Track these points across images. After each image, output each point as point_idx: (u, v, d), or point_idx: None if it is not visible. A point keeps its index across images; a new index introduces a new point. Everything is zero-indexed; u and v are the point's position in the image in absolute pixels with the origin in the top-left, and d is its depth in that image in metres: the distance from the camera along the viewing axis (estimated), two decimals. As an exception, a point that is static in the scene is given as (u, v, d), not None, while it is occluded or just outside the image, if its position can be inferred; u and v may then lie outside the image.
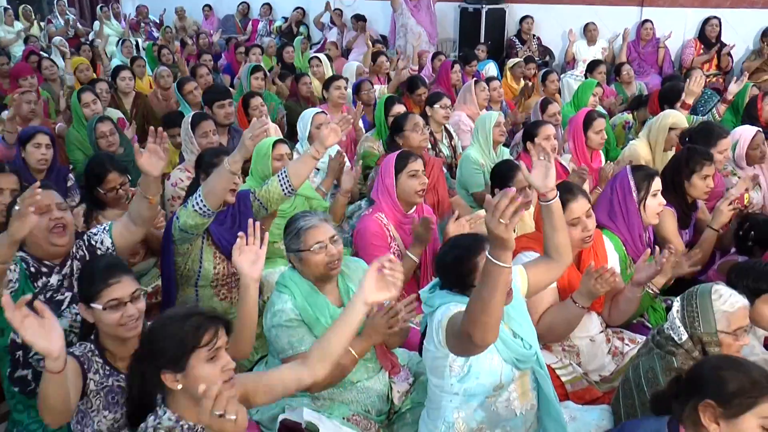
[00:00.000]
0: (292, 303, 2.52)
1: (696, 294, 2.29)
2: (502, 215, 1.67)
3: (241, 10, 11.35)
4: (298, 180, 3.19)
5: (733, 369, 1.73)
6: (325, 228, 2.57)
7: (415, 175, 3.32)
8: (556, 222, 2.43)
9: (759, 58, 7.84)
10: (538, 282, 2.52)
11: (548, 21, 9.22)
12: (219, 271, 3.15)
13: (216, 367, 1.83)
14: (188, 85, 5.83)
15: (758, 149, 4.34)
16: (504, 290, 1.84)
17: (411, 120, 4.28)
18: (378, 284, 1.99)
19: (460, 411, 2.31)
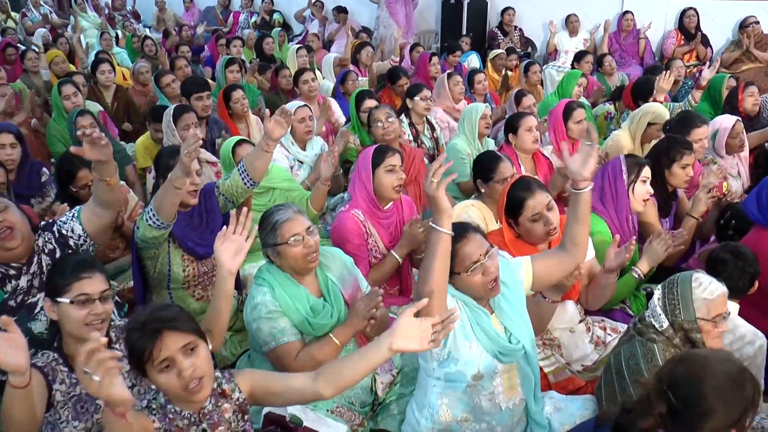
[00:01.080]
0: (271, 295, 2.50)
1: (677, 282, 2.31)
2: (433, 174, 1.93)
3: (222, 2, 11.26)
4: (257, 173, 3.13)
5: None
6: (300, 220, 2.55)
7: (392, 170, 3.28)
8: (581, 214, 2.33)
9: (737, 49, 7.92)
10: (546, 275, 2.45)
11: (530, 12, 9.24)
12: (189, 273, 3.10)
13: (170, 376, 1.79)
14: (166, 78, 5.79)
15: (737, 138, 4.41)
16: (445, 258, 1.92)
17: (372, 114, 4.30)
18: (410, 331, 1.86)
19: (444, 397, 2.32)
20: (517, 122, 4.24)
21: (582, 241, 2.40)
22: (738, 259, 2.77)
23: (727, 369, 1.68)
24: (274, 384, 2.03)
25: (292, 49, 7.76)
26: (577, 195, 2.30)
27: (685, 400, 1.65)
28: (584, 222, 2.36)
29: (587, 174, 2.26)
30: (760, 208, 3.06)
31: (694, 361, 1.70)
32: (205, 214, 3.17)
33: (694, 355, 1.75)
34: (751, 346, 2.69)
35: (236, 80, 6.21)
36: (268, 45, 8.28)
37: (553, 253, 2.51)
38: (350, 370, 1.93)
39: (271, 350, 2.48)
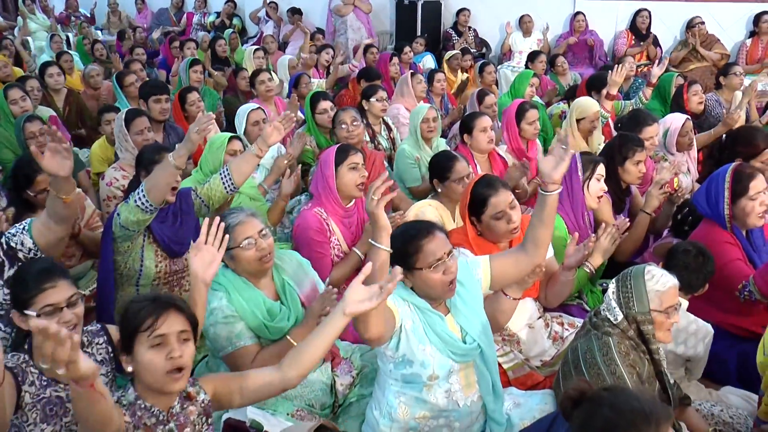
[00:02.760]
0: (227, 300, 2.48)
1: (630, 275, 2.35)
2: (374, 192, 2.00)
3: (176, 3, 11.11)
4: (241, 178, 3.15)
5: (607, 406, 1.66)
6: (253, 223, 2.53)
7: (355, 168, 3.30)
8: (546, 216, 2.36)
9: (685, 48, 8.13)
10: (503, 275, 2.46)
11: (484, 13, 9.32)
12: (161, 270, 3.09)
13: (159, 354, 1.81)
14: (128, 78, 5.70)
15: (687, 136, 4.52)
16: (383, 274, 1.98)
17: (337, 117, 4.34)
18: (362, 294, 1.92)
19: (401, 396, 2.33)
20: (471, 122, 4.26)
21: (544, 243, 2.43)
22: (699, 256, 2.84)
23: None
24: (237, 383, 2.04)
25: (249, 50, 7.72)
26: (544, 197, 2.33)
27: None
28: (548, 224, 2.39)
29: (557, 177, 2.28)
30: (708, 202, 3.13)
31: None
32: (180, 214, 3.16)
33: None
34: (702, 344, 2.76)
35: (199, 80, 6.18)
36: (221, 47, 8.21)
37: (512, 252, 2.53)
38: (311, 347, 1.99)
39: (227, 354, 2.45)
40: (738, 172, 3.08)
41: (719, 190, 3.08)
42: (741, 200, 3.03)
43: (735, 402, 2.74)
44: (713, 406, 2.67)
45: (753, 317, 2.95)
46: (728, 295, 2.95)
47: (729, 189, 3.05)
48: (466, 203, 2.92)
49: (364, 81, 6.13)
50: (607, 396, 1.66)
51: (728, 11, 8.30)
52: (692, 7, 8.36)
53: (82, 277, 3.59)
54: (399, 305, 2.23)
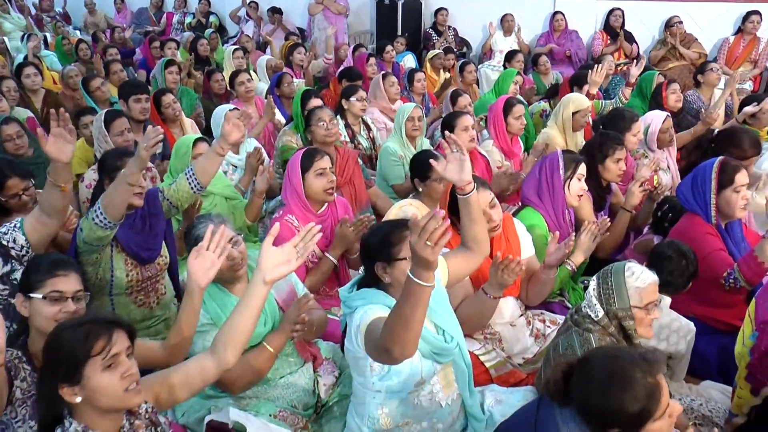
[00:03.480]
0: (203, 307, 2.43)
1: (611, 272, 2.37)
2: (429, 237, 1.65)
3: (155, 3, 11.03)
4: (206, 177, 3.10)
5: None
6: (222, 232, 2.51)
7: (322, 173, 3.25)
8: (474, 214, 2.44)
9: (663, 47, 8.21)
10: (457, 272, 2.52)
11: (463, 12, 9.35)
12: (132, 278, 3.02)
13: (114, 375, 1.74)
14: (94, 82, 5.62)
15: (667, 133, 4.57)
16: (425, 308, 1.81)
17: (315, 115, 4.26)
18: (277, 257, 1.93)
19: (384, 407, 2.32)
20: (453, 121, 4.27)
21: (483, 237, 2.51)
22: (681, 258, 2.86)
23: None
24: (173, 378, 2.00)
25: (229, 50, 7.67)
26: (465, 198, 2.41)
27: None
28: (479, 221, 2.48)
29: (468, 177, 2.38)
30: (694, 192, 3.17)
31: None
32: (149, 218, 3.10)
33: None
34: (684, 341, 2.79)
35: (175, 81, 6.11)
36: (203, 47, 8.16)
37: (460, 251, 2.57)
38: (238, 323, 1.97)
39: None
40: (724, 164, 3.14)
41: (706, 180, 3.14)
42: (726, 191, 3.09)
43: (714, 396, 2.77)
44: (693, 401, 2.69)
45: (733, 309, 2.99)
46: (710, 286, 2.99)
47: (716, 180, 3.11)
48: (446, 202, 2.92)
49: (346, 81, 6.12)
50: (598, 352, 1.76)
51: (705, 10, 8.40)
52: (670, 7, 8.44)
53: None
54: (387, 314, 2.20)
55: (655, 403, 1.65)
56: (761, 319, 2.32)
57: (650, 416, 1.65)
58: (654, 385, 1.62)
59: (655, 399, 1.65)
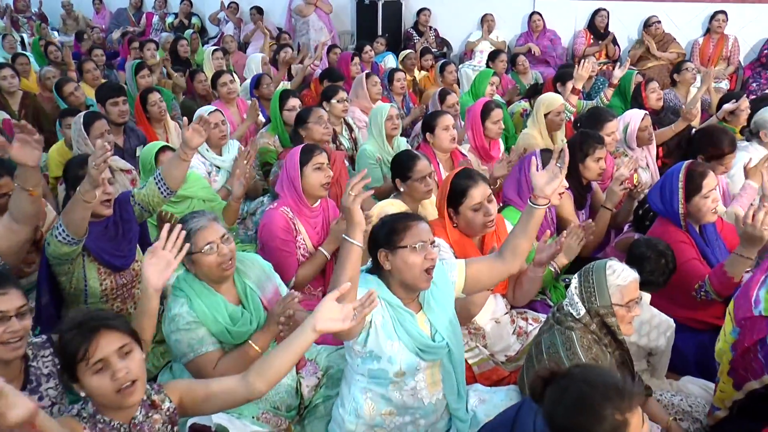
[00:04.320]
0: (188, 306, 2.45)
1: (592, 270, 2.39)
2: (352, 188, 1.98)
3: (134, 3, 10.94)
4: (174, 182, 3.07)
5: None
6: (214, 228, 2.50)
7: (320, 168, 3.31)
8: (530, 227, 2.40)
9: (642, 47, 8.28)
10: (478, 279, 2.47)
11: (444, 13, 9.36)
12: (107, 287, 2.99)
13: (104, 378, 1.75)
14: (67, 87, 5.52)
15: (646, 131, 4.61)
16: (354, 269, 1.99)
17: (315, 113, 4.26)
18: (335, 313, 1.91)
19: (368, 392, 2.34)
20: (433, 121, 4.28)
21: (522, 253, 2.46)
22: (660, 257, 2.88)
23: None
24: (203, 390, 2.00)
25: (208, 51, 7.63)
26: (531, 210, 2.37)
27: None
28: (530, 236, 2.43)
29: (549, 192, 2.35)
30: (662, 200, 3.19)
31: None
32: (121, 224, 3.06)
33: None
34: (663, 337, 2.81)
35: (148, 85, 5.98)
36: (183, 47, 8.11)
37: (488, 259, 2.54)
38: (279, 360, 1.95)
39: (189, 361, 2.42)
40: (691, 171, 3.13)
41: (673, 189, 3.14)
42: (695, 198, 3.09)
43: (694, 391, 2.80)
44: (673, 396, 2.72)
45: (710, 310, 3.02)
46: (685, 292, 3.00)
47: (683, 188, 3.11)
48: (445, 194, 2.94)
49: (327, 81, 6.11)
50: (579, 372, 1.71)
51: (683, 11, 8.48)
52: (648, 7, 8.52)
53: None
54: None
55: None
56: (741, 316, 2.34)
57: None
58: (621, 423, 1.59)
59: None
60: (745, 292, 2.36)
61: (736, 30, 8.16)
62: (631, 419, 1.61)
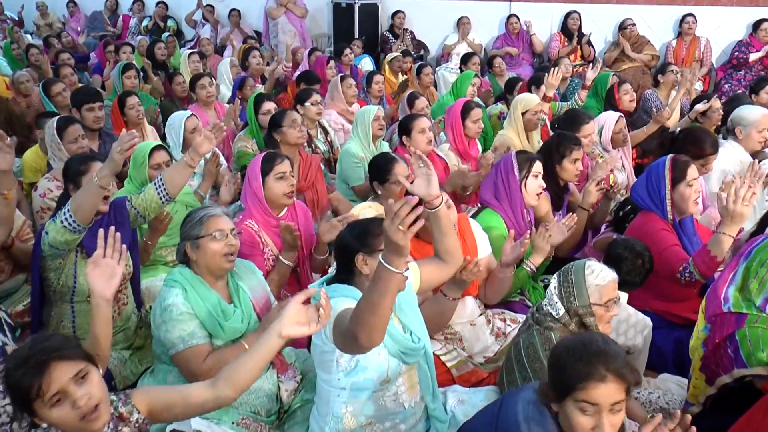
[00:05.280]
0: (183, 296, 2.46)
1: (571, 270, 2.41)
2: (401, 222, 1.71)
3: (110, 6, 10.82)
4: (175, 188, 3.08)
5: (570, 357, 1.77)
6: (226, 219, 2.58)
7: (282, 177, 3.26)
8: (444, 227, 2.43)
9: (617, 49, 8.38)
10: (430, 280, 2.53)
11: (420, 15, 9.39)
12: None
13: (63, 409, 1.68)
14: (55, 87, 5.46)
15: (621, 132, 4.67)
16: (394, 295, 1.85)
17: (289, 116, 4.23)
18: (298, 317, 1.87)
19: (348, 405, 2.32)
20: (410, 124, 4.30)
21: (454, 249, 2.50)
22: (637, 258, 2.92)
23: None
24: (172, 397, 1.95)
25: (185, 54, 7.59)
26: (435, 213, 2.39)
27: None
28: (449, 234, 2.47)
29: (436, 191, 2.36)
30: (649, 191, 3.24)
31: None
32: (114, 226, 3.02)
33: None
34: (640, 336, 2.85)
35: (134, 86, 6.02)
36: (160, 50, 8.05)
37: (433, 261, 2.57)
38: (246, 367, 1.91)
39: (178, 353, 2.42)
40: (675, 161, 3.22)
41: (660, 177, 3.22)
42: (680, 186, 3.18)
43: (671, 388, 2.84)
44: (651, 394, 2.75)
45: (687, 303, 3.06)
46: (666, 281, 3.05)
47: (669, 176, 3.18)
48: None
49: (304, 84, 6.11)
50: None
51: (656, 13, 8.59)
52: (623, 9, 8.62)
53: (14, 293, 3.45)
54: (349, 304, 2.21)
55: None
56: (711, 312, 2.38)
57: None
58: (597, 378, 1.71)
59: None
60: (714, 290, 2.40)
61: (708, 32, 8.30)
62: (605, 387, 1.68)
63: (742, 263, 2.34)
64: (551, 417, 1.80)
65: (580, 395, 1.71)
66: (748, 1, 8.28)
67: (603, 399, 1.69)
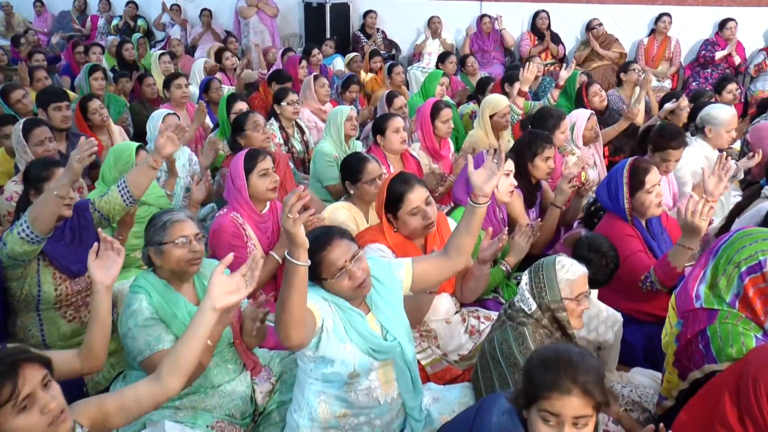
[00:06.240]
0: (148, 301, 2.43)
1: (542, 266, 2.43)
2: (290, 211, 1.81)
3: (78, 6, 10.67)
4: (139, 190, 3.05)
5: (540, 365, 1.77)
6: (191, 224, 2.54)
7: (265, 173, 3.28)
8: (472, 225, 2.42)
9: (587, 48, 8.48)
10: (424, 277, 2.48)
11: (392, 15, 9.41)
12: (61, 293, 2.93)
13: (32, 415, 1.64)
14: (15, 93, 5.22)
15: (592, 130, 4.72)
16: (301, 289, 1.91)
17: (250, 119, 4.21)
18: (226, 286, 1.89)
19: (321, 395, 2.33)
20: (384, 124, 4.30)
21: (467, 250, 2.48)
22: (601, 258, 2.94)
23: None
24: (115, 402, 1.91)
25: (155, 55, 7.51)
26: (473, 208, 2.38)
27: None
28: (473, 234, 2.44)
29: (488, 190, 2.36)
30: (609, 196, 3.27)
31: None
32: (78, 230, 3.01)
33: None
34: (611, 331, 2.87)
35: (101, 88, 5.92)
36: (128, 51, 7.95)
37: (434, 257, 2.56)
38: (185, 350, 1.91)
39: (145, 359, 2.38)
40: (634, 168, 3.23)
41: (618, 185, 3.23)
42: (639, 194, 3.19)
43: (643, 382, 2.87)
44: (623, 388, 2.78)
45: (656, 302, 3.10)
46: (632, 285, 3.08)
47: (627, 184, 3.20)
48: (382, 200, 2.93)
49: (276, 83, 6.09)
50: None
51: (625, 12, 8.72)
52: (592, 9, 8.74)
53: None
54: (320, 305, 2.21)
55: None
56: (683, 308, 2.41)
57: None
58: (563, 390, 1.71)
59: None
60: (684, 287, 2.43)
61: (675, 31, 8.44)
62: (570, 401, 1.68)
63: (711, 261, 2.37)
64: (525, 429, 1.80)
65: (544, 404, 1.70)
66: (713, 1, 8.43)
67: (565, 411, 1.68)
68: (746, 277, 2.23)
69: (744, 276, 2.23)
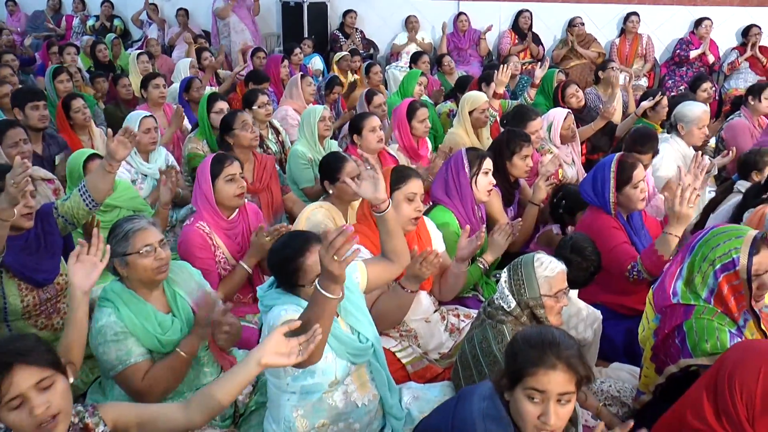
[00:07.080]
0: (116, 315, 2.38)
1: (520, 263, 2.44)
2: (336, 253, 1.76)
3: (52, 5, 10.51)
4: (99, 194, 2.99)
5: (524, 344, 1.81)
6: (153, 231, 2.46)
7: (232, 179, 3.22)
8: (391, 229, 2.44)
9: (565, 47, 8.54)
10: (377, 279, 2.52)
11: (370, 14, 9.40)
12: (29, 303, 2.85)
13: (21, 414, 1.64)
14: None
15: (569, 129, 4.76)
16: (330, 318, 1.91)
17: (239, 118, 4.16)
18: (281, 347, 1.85)
19: (299, 409, 2.30)
20: (360, 123, 4.29)
21: (402, 252, 2.51)
22: (582, 260, 2.95)
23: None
24: (141, 414, 1.91)
25: (133, 55, 7.43)
26: (380, 217, 2.41)
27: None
28: (398, 236, 2.49)
29: (383, 195, 2.38)
30: (594, 190, 3.30)
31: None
32: (43, 236, 2.91)
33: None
34: (590, 329, 2.90)
35: (67, 90, 5.73)
36: (101, 52, 7.86)
37: (380, 259, 2.58)
38: (221, 392, 1.88)
39: (118, 374, 2.35)
40: (622, 163, 3.26)
41: (605, 179, 3.26)
42: (625, 188, 3.22)
43: (622, 376, 2.89)
44: (602, 383, 2.80)
45: (637, 296, 3.13)
46: (615, 276, 3.11)
47: (614, 178, 3.23)
48: (367, 209, 2.90)
49: (252, 84, 6.06)
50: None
51: (601, 12, 8.80)
52: (570, 8, 8.80)
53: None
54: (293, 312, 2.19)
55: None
56: (660, 304, 2.44)
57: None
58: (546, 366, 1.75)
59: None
60: (662, 284, 2.46)
61: (651, 30, 8.54)
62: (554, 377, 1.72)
63: (687, 258, 2.40)
64: (507, 413, 1.82)
65: (530, 382, 1.73)
66: (687, 0, 8.54)
67: (551, 386, 1.72)
68: (720, 275, 2.27)
69: (718, 273, 2.27)
